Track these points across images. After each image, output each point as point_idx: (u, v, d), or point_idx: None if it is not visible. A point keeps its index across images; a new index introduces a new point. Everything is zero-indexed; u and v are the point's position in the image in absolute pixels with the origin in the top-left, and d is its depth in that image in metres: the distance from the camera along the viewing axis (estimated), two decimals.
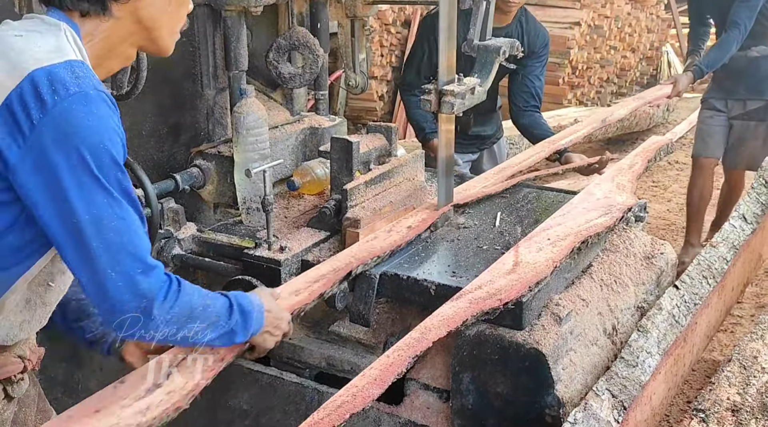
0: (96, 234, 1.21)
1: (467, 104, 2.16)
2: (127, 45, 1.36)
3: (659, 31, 8.41)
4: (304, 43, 2.32)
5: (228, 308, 1.41)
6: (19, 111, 1.18)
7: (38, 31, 1.26)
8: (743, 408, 1.76)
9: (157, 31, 1.35)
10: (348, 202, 2.13)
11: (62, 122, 1.17)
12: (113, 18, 1.31)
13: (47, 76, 1.18)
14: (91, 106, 1.20)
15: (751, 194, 2.89)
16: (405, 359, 1.57)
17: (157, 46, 1.39)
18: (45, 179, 1.19)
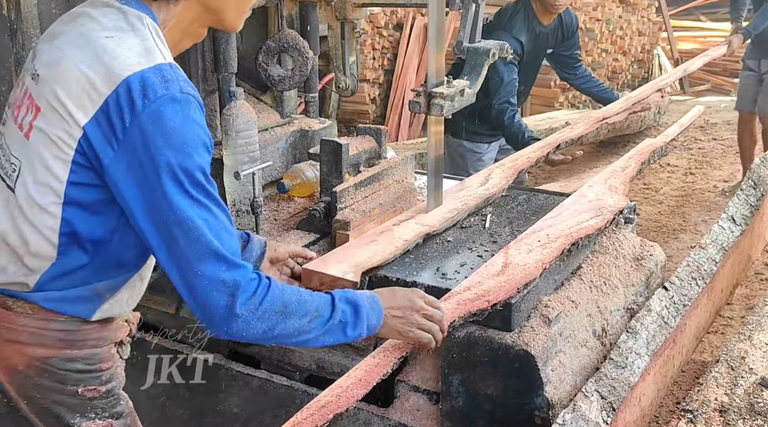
0: (183, 234, 1.25)
1: (456, 106, 2.16)
2: (197, 26, 1.40)
3: (650, 34, 8.44)
4: (293, 45, 2.32)
5: (329, 302, 1.41)
6: (115, 115, 1.22)
7: (124, 29, 1.29)
8: (731, 409, 1.76)
9: (224, 12, 1.38)
10: (338, 205, 2.13)
11: (149, 124, 1.22)
12: (183, 1, 1.34)
13: (140, 81, 1.22)
14: (177, 107, 1.23)
15: (740, 196, 2.90)
16: (390, 360, 1.57)
17: (225, 25, 1.42)
18: (136, 179, 1.24)
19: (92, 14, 1.32)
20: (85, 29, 1.30)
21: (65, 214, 1.29)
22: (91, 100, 1.24)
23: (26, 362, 1.35)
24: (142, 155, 1.23)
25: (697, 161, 6.03)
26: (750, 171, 3.06)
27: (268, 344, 1.49)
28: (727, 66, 8.74)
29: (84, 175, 1.27)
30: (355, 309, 1.44)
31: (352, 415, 1.98)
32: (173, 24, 1.36)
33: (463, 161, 3.76)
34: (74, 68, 1.25)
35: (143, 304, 2.34)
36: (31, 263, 1.32)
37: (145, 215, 1.26)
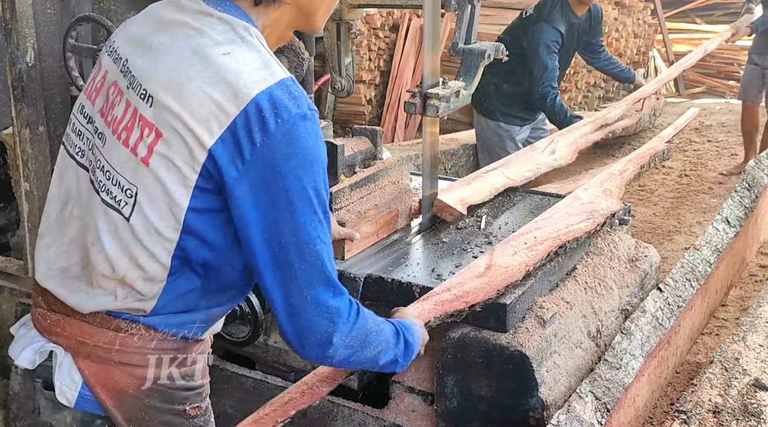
0: (298, 257, 1.23)
1: (452, 107, 2.16)
2: (290, 30, 1.38)
3: (646, 36, 8.45)
4: (289, 46, 2.32)
5: (395, 335, 1.42)
6: (244, 135, 1.18)
7: (236, 42, 1.24)
8: (725, 409, 1.77)
9: (316, 14, 1.36)
10: (333, 206, 2.13)
11: (284, 143, 1.18)
12: (284, 5, 1.31)
13: (269, 99, 1.19)
14: (309, 126, 1.21)
15: (734, 197, 2.91)
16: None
17: (312, 27, 1.40)
18: (258, 199, 1.20)
19: (194, 25, 1.26)
20: (197, 45, 1.24)
21: (182, 239, 1.25)
22: (218, 121, 1.19)
23: (138, 385, 1.32)
24: (271, 175, 1.19)
25: (692, 163, 6.04)
26: (744, 173, 3.07)
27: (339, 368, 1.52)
28: (722, 68, 8.77)
29: (205, 199, 1.23)
30: (407, 351, 1.45)
31: (347, 416, 1.98)
32: (272, 30, 1.33)
33: (499, 140, 4.21)
34: (198, 91, 1.20)
35: None
36: (143, 288, 1.27)
37: (261, 235, 1.21)
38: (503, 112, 4.19)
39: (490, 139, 4.29)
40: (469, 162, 5.10)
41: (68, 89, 2.46)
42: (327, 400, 2.00)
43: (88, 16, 2.13)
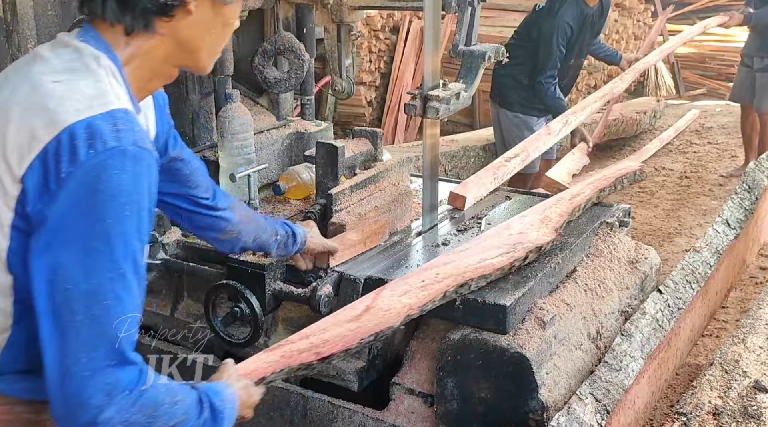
0: (84, 308, 1.08)
1: (452, 109, 2.16)
2: (169, 65, 1.28)
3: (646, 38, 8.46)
4: (289, 48, 2.32)
5: (198, 405, 1.23)
6: (52, 165, 1.08)
7: (77, 70, 1.16)
8: (724, 411, 1.77)
9: (198, 52, 1.27)
10: (333, 207, 2.13)
11: (92, 177, 1.07)
12: (157, 35, 1.22)
13: (86, 128, 1.08)
14: (126, 163, 1.09)
15: (734, 199, 2.91)
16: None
17: (197, 66, 1.31)
18: (52, 236, 1.08)
19: (45, 56, 1.19)
20: (34, 73, 1.16)
21: (14, 282, 1.14)
22: (30, 149, 1.09)
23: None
24: (72, 210, 1.07)
25: (693, 165, 6.04)
26: (745, 175, 3.07)
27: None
28: (723, 70, 8.77)
29: (21, 240, 1.12)
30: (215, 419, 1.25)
31: (347, 417, 1.98)
32: (141, 62, 1.23)
33: (518, 131, 4.29)
34: (18, 119, 1.11)
35: None
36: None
37: (44, 275, 1.08)
38: (522, 103, 4.31)
39: (508, 129, 4.39)
40: (470, 163, 5.10)
41: None
42: (327, 401, 2.00)
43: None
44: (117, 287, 1.10)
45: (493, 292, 1.88)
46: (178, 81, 2.31)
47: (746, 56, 5.48)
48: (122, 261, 1.10)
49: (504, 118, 4.41)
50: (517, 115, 4.35)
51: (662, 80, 8.82)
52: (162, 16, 1.21)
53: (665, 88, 8.76)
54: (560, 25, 4.07)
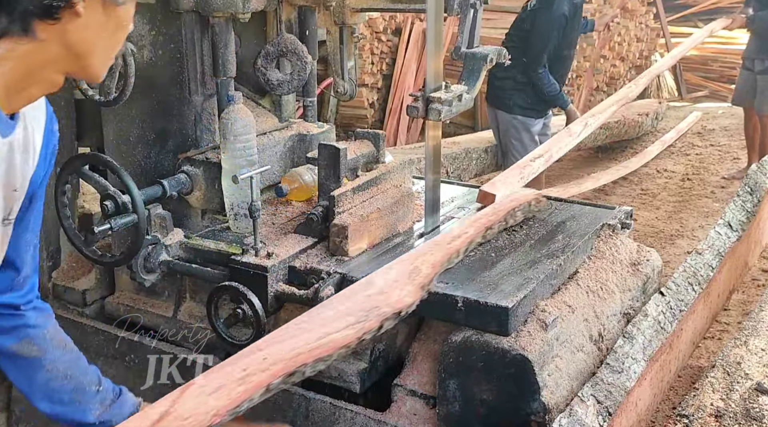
0: None
1: (454, 111, 2.17)
2: (52, 71, 1.18)
3: (648, 40, 8.46)
4: (292, 49, 2.32)
5: None
6: None
7: None
8: (726, 414, 1.77)
9: (89, 58, 1.18)
10: (335, 209, 2.13)
11: None
12: (36, 40, 1.12)
13: None
14: None
15: (736, 202, 2.91)
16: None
17: (87, 73, 1.22)
18: None
19: None
20: None
21: None
22: None
23: None
24: None
25: (695, 167, 6.04)
26: (747, 177, 3.07)
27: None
28: (725, 72, 8.77)
29: None
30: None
31: (349, 419, 1.98)
32: (16, 66, 1.13)
33: (516, 133, 4.41)
34: None
35: (141, 307, 2.36)
36: None
37: None
38: (521, 105, 4.36)
39: (506, 132, 4.46)
40: (471, 165, 5.10)
41: (72, 93, 2.47)
42: (329, 403, 2.00)
43: None
44: None
45: (495, 294, 1.88)
46: (180, 83, 2.32)
47: (747, 59, 5.51)
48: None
49: (502, 120, 4.45)
50: (515, 118, 4.39)
51: (664, 82, 8.83)
52: (45, 18, 1.12)
53: (667, 90, 8.77)
54: (557, 17, 4.16)
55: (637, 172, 5.81)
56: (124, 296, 2.42)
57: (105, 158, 2.10)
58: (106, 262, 2.19)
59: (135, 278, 2.15)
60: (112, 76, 2.10)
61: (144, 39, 2.24)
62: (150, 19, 2.22)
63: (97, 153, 2.34)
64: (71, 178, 2.12)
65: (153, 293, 2.35)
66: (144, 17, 2.22)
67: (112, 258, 2.17)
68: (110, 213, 2.01)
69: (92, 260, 2.18)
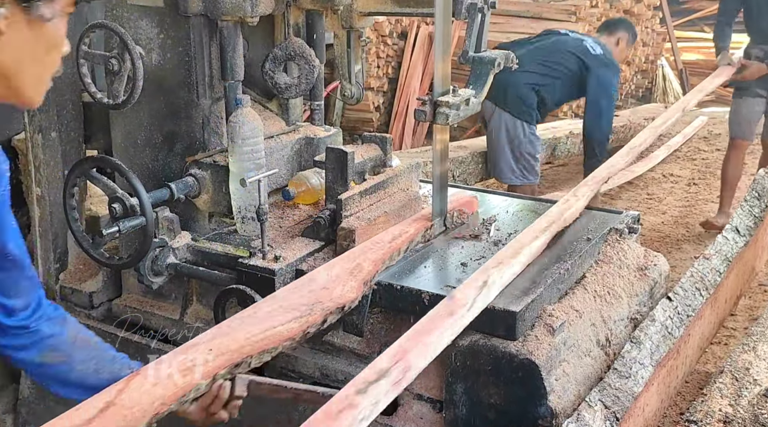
0: None
1: (462, 115, 2.17)
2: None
3: (654, 45, 8.46)
4: (300, 53, 2.33)
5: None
6: None
7: None
8: (735, 420, 1.76)
9: (17, 79, 1.09)
10: (342, 212, 2.14)
11: None
12: None
13: None
14: None
15: (743, 207, 2.90)
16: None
17: (19, 98, 1.13)
18: None
19: None
20: None
21: None
22: None
23: None
24: None
25: (701, 172, 6.03)
26: (754, 182, 3.06)
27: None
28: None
29: None
30: None
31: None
32: None
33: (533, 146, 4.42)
34: None
35: (148, 310, 2.36)
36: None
37: None
38: (538, 119, 4.43)
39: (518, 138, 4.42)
40: (478, 169, 5.10)
41: (80, 95, 2.48)
42: None
43: (102, 23, 2.15)
44: None
45: (502, 298, 1.87)
46: (188, 86, 2.32)
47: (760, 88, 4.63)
48: None
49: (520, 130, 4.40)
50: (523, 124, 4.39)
51: (670, 87, 8.82)
52: None
53: (673, 94, 8.75)
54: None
55: (643, 176, 5.80)
56: (131, 298, 2.43)
57: (113, 161, 2.10)
58: (114, 264, 2.19)
59: (142, 280, 2.15)
60: (120, 79, 2.11)
61: (152, 42, 2.25)
62: (158, 23, 2.23)
63: (105, 156, 2.35)
64: (79, 180, 2.13)
65: (160, 296, 2.36)
66: (152, 21, 2.23)
67: (120, 260, 2.17)
68: (118, 216, 2.01)
69: (100, 262, 2.18)
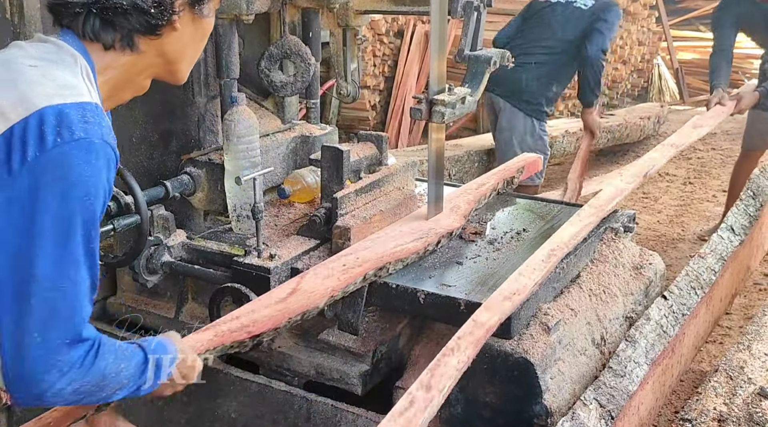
0: (40, 291, 1.12)
1: (458, 114, 2.17)
2: (144, 76, 1.32)
3: (650, 44, 8.46)
4: (295, 51, 2.33)
5: (141, 366, 1.30)
6: (17, 146, 1.10)
7: (54, 61, 1.20)
8: (729, 418, 1.77)
9: (179, 64, 1.33)
10: (338, 211, 2.13)
11: (57, 165, 1.11)
12: (137, 52, 1.27)
13: (56, 115, 1.12)
14: (91, 156, 1.13)
15: (739, 206, 2.91)
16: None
17: (174, 77, 1.36)
18: (16, 219, 1.11)
19: (23, 45, 1.24)
20: (10, 56, 1.21)
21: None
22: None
23: None
24: (36, 196, 1.10)
25: (696, 171, 6.04)
26: (749, 181, 3.07)
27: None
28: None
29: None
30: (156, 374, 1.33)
31: (351, 421, 1.98)
32: (117, 74, 1.27)
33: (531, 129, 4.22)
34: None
35: (143, 308, 2.36)
36: None
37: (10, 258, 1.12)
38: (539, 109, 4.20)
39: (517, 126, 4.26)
40: (474, 168, 5.10)
41: None
42: (331, 405, 2.00)
43: None
44: (71, 272, 1.15)
45: None
46: (184, 84, 2.31)
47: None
48: (77, 248, 1.14)
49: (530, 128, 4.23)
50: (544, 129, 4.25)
51: (666, 86, 8.83)
52: (149, 35, 1.25)
53: (669, 94, 8.76)
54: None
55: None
56: (126, 296, 2.42)
57: None
58: (109, 262, 2.18)
59: (137, 278, 2.15)
60: None
61: None
62: None
63: None
64: None
65: (155, 294, 2.35)
66: None
67: (115, 259, 2.16)
68: (113, 214, 2.00)
69: None
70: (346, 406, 2.00)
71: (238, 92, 2.28)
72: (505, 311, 1.75)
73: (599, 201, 2.41)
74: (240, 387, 2.12)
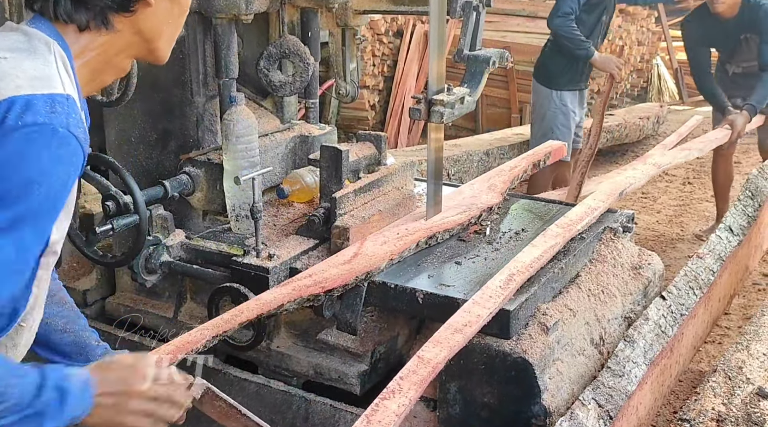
0: None
1: (456, 114, 2.17)
2: (123, 57, 1.29)
3: (649, 44, 8.46)
4: (294, 51, 2.33)
5: (36, 386, 1.14)
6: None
7: (25, 50, 1.16)
8: (728, 418, 1.77)
9: (157, 41, 1.29)
10: (337, 211, 2.13)
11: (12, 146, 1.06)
12: (113, 31, 1.23)
13: (24, 103, 1.08)
14: (52, 142, 1.09)
15: (737, 206, 2.91)
16: (204, 337, 1.59)
17: (154, 56, 1.33)
18: None
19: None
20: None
21: None
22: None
23: None
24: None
25: (695, 171, 6.04)
26: (747, 181, 3.07)
27: None
28: None
29: None
30: (62, 398, 1.16)
31: (350, 421, 1.98)
32: (95, 56, 1.24)
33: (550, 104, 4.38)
34: None
35: (142, 308, 2.36)
36: None
37: None
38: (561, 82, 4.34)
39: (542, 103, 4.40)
40: (473, 168, 5.10)
41: None
42: (329, 405, 2.00)
43: None
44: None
45: None
46: (182, 84, 2.32)
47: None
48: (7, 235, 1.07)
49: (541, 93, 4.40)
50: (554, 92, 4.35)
51: (665, 86, 8.83)
52: (122, 12, 1.22)
53: (668, 94, 8.76)
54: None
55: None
56: (125, 296, 2.42)
57: (107, 159, 2.09)
58: (107, 262, 2.19)
59: (136, 278, 2.15)
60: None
61: None
62: None
63: (99, 153, 2.34)
64: None
65: (154, 294, 2.35)
66: None
67: (114, 258, 2.16)
68: (112, 213, 2.01)
69: (93, 260, 2.17)
70: (344, 406, 2.00)
71: (237, 92, 2.28)
72: (455, 346, 1.58)
73: (567, 220, 2.26)
74: (239, 387, 2.12)
